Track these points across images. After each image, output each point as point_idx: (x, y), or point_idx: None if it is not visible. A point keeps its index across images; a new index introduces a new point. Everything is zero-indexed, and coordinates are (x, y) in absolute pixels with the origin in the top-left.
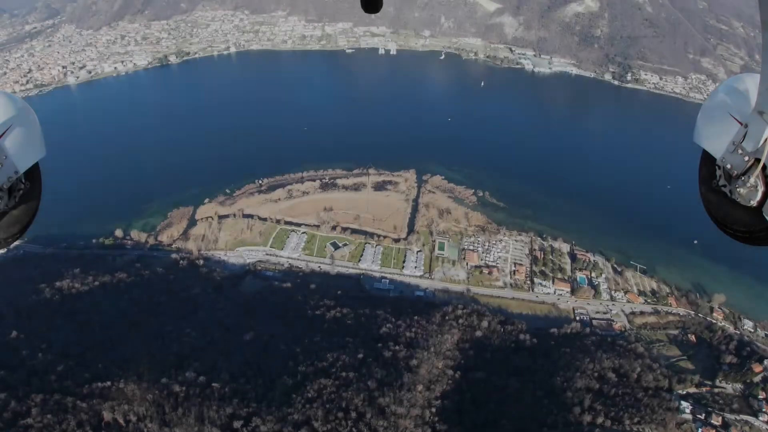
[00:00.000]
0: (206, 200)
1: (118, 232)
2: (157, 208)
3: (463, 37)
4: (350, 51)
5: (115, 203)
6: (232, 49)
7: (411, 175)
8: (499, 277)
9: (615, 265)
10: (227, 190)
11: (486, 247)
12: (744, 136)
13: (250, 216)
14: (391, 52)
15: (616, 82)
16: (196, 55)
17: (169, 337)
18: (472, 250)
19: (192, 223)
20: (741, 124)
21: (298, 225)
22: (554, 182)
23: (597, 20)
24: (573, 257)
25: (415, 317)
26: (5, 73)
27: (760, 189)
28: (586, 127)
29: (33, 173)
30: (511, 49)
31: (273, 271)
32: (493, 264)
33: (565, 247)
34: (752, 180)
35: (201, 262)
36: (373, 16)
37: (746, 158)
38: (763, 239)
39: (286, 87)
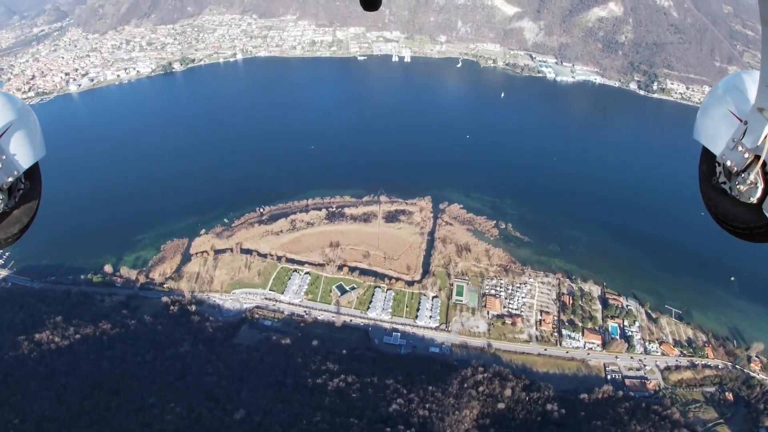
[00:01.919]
0: (202, 231)
1: (108, 268)
2: (150, 240)
3: (480, 42)
4: (362, 58)
5: (108, 230)
6: (239, 56)
7: (426, 203)
8: (524, 329)
9: (649, 311)
10: (225, 220)
11: (509, 291)
12: (744, 133)
13: (249, 251)
14: (405, 59)
15: (642, 92)
16: (202, 62)
17: (152, 411)
18: (494, 296)
19: (186, 258)
20: (741, 120)
21: (301, 263)
22: (581, 209)
23: (621, 26)
24: (604, 302)
25: (430, 387)
26: (9, 79)
27: (760, 186)
28: (614, 144)
29: (33, 173)
30: (531, 56)
31: (272, 320)
32: (517, 312)
33: (596, 290)
34: (752, 177)
35: (193, 307)
36: (386, 20)
37: (746, 155)
38: (763, 236)
39: (293, 99)
